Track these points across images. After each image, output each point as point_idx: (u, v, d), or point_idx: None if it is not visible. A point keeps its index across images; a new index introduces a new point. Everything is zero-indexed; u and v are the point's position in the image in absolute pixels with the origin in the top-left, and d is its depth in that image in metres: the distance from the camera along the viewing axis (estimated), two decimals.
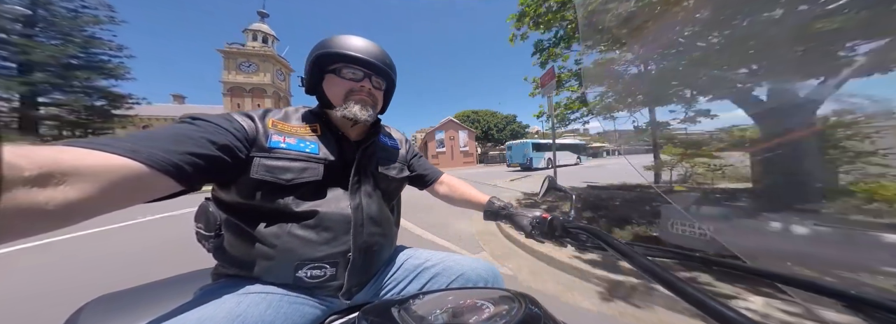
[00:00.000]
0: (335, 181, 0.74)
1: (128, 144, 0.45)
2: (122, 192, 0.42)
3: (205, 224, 0.81)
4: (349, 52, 0.73)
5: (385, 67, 0.77)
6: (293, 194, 0.67)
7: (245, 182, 0.64)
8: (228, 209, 0.70)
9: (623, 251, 0.45)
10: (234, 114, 0.68)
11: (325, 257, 0.68)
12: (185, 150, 0.51)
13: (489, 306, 0.48)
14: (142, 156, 0.44)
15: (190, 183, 0.52)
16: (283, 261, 0.66)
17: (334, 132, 0.79)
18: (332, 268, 0.69)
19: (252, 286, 0.65)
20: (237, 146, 0.61)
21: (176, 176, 0.48)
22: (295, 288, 0.68)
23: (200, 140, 0.55)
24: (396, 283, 0.81)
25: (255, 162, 0.64)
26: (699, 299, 0.28)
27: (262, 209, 0.66)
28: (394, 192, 0.91)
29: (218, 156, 0.56)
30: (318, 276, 0.68)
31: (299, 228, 0.67)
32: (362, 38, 0.77)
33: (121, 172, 0.41)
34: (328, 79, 0.77)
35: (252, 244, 0.66)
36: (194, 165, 0.51)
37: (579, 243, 0.73)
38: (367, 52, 0.75)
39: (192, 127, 0.57)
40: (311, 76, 0.78)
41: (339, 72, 0.75)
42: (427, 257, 0.88)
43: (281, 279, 0.67)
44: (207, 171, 0.54)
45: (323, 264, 0.68)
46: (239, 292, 0.62)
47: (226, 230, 0.72)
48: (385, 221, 0.81)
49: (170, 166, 0.47)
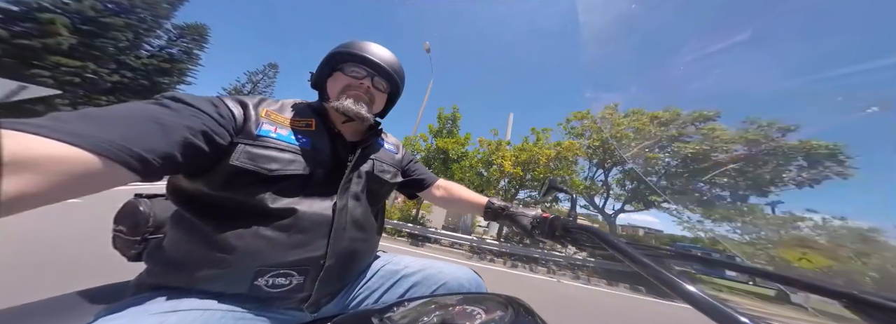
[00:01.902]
0: (322, 180, 0.68)
1: (83, 128, 0.39)
2: (69, 184, 0.36)
3: (130, 227, 0.72)
4: (358, 52, 0.76)
5: (389, 70, 0.79)
6: (272, 189, 0.61)
7: (221, 170, 0.57)
8: (187, 201, 0.61)
9: (623, 251, 0.45)
10: (226, 98, 0.63)
11: (295, 263, 0.61)
12: (151, 138, 0.45)
13: (480, 313, 0.46)
14: (92, 144, 0.38)
15: (150, 176, 0.45)
16: (240, 266, 0.57)
17: (330, 129, 0.76)
18: (301, 276, 0.61)
19: (185, 301, 0.53)
20: (219, 132, 0.56)
21: (134, 168, 0.42)
22: (246, 300, 0.58)
23: (172, 126, 0.48)
24: (370, 292, 0.75)
25: (239, 149, 0.58)
26: (699, 298, 0.28)
27: (230, 203, 0.59)
28: (382, 196, 0.87)
29: (191, 143, 0.50)
30: (282, 285, 0.60)
31: (270, 227, 0.59)
32: (378, 45, 0.81)
33: (68, 164, 0.36)
34: (334, 75, 0.79)
35: (205, 245, 0.57)
36: (159, 156, 0.45)
37: (579, 242, 0.73)
38: (376, 54, 0.78)
39: (165, 111, 0.50)
40: (321, 72, 0.80)
41: (344, 69, 0.78)
42: (406, 263, 0.82)
43: (232, 289, 0.57)
44: (173, 161, 0.48)
45: (290, 271, 0.60)
46: (162, 311, 0.50)
47: (174, 228, 0.62)
48: (369, 227, 0.76)
49: (129, 158, 0.41)
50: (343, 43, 0.80)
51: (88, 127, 0.39)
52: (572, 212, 0.81)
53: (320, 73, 0.80)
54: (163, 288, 0.57)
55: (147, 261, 0.63)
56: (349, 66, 0.78)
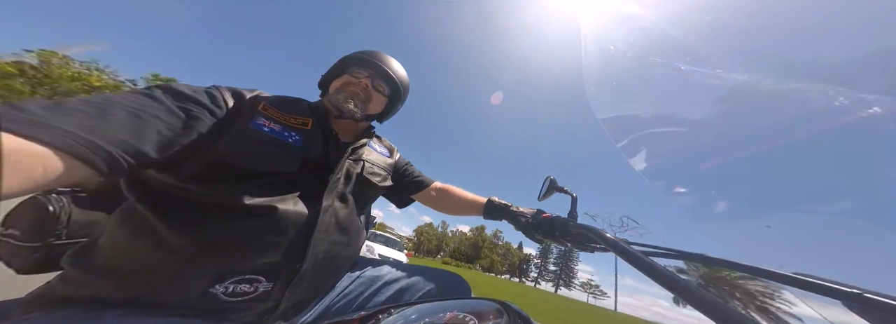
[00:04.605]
0: (308, 179, 0.64)
1: (44, 118, 0.35)
2: (21, 179, 0.32)
3: (28, 230, 0.62)
4: (366, 57, 0.82)
5: (392, 75, 0.83)
6: (253, 184, 0.56)
7: (200, 161, 0.53)
8: (142, 192, 0.54)
9: (623, 250, 0.45)
10: (224, 89, 0.61)
11: (265, 267, 0.54)
12: (121, 132, 0.41)
13: (473, 319, 0.44)
14: (51, 137, 0.34)
15: (115, 172, 0.41)
16: (195, 269, 0.50)
17: (325, 129, 0.74)
18: (270, 282, 0.55)
19: (106, 315, 0.45)
20: (206, 124, 0.53)
21: (94, 164, 0.38)
22: (195, 311, 0.50)
23: (150, 120, 0.45)
24: (350, 300, 0.70)
25: (224, 140, 0.55)
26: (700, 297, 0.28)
27: (200, 197, 0.53)
28: (370, 199, 0.85)
29: (168, 138, 0.47)
30: (245, 292, 0.53)
31: (242, 226, 0.53)
32: (390, 56, 0.87)
33: (19, 157, 0.32)
34: (340, 77, 0.83)
35: (154, 244, 0.50)
36: (127, 151, 0.41)
37: (580, 242, 0.73)
38: (382, 60, 0.83)
39: (149, 102, 0.46)
40: (330, 73, 0.86)
41: (351, 71, 0.82)
42: (388, 269, 0.79)
43: (176, 297, 0.50)
44: (144, 157, 0.44)
45: (257, 277, 0.54)
46: None
47: (119, 226, 0.53)
48: (353, 230, 0.71)
49: (89, 152, 0.37)
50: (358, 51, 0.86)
51: (52, 118, 0.35)
52: (573, 212, 0.81)
53: (329, 74, 0.86)
54: (77, 300, 0.48)
55: (69, 267, 0.52)
56: (355, 69, 0.82)
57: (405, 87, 0.89)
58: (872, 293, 0.35)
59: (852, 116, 0.55)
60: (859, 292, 0.35)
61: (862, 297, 0.35)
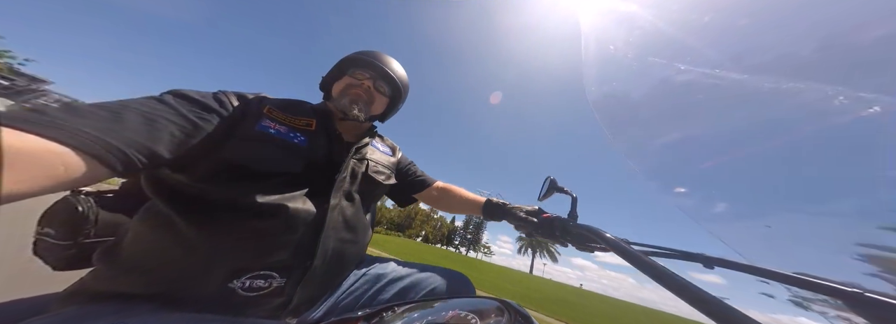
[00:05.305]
0: (315, 178, 0.67)
1: (62, 120, 0.37)
2: (42, 179, 0.34)
3: (62, 229, 0.65)
4: (366, 57, 0.82)
5: (392, 75, 0.83)
6: (263, 184, 0.58)
7: (212, 163, 0.55)
8: (165, 194, 0.56)
9: (623, 250, 0.45)
10: (230, 93, 0.64)
11: (278, 264, 0.57)
12: (135, 133, 0.43)
13: (475, 318, 0.44)
14: (69, 137, 0.36)
15: (130, 170, 0.43)
16: (214, 266, 0.53)
17: (329, 130, 0.75)
18: (283, 278, 0.58)
19: (136, 309, 0.48)
20: (215, 127, 0.55)
21: (110, 163, 0.40)
22: (215, 305, 0.54)
23: (162, 122, 0.47)
24: (356, 298, 0.73)
25: (233, 142, 0.57)
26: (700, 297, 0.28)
27: (215, 197, 0.55)
28: (375, 198, 0.87)
29: (179, 139, 0.50)
30: (260, 287, 0.56)
31: (256, 224, 0.56)
32: (388, 56, 0.86)
33: (40, 157, 0.34)
34: (341, 78, 0.84)
35: (175, 242, 0.53)
36: (141, 151, 0.44)
37: (580, 242, 0.73)
38: (382, 61, 0.83)
39: (161, 106, 0.49)
40: (330, 75, 0.86)
41: (351, 73, 0.82)
42: (393, 267, 0.81)
43: (199, 292, 0.53)
44: (157, 157, 0.46)
45: (271, 273, 0.57)
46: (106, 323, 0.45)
47: (141, 223, 0.56)
48: (360, 228, 0.74)
49: (105, 152, 0.39)
50: (358, 51, 0.86)
51: (71, 120, 0.37)
52: (573, 212, 0.81)
53: (329, 76, 0.86)
54: (109, 296, 0.51)
55: (99, 264, 0.56)
56: (356, 70, 0.82)
57: (405, 86, 0.90)
58: (872, 293, 0.35)
59: (852, 115, 0.55)
60: (859, 291, 0.36)
61: (862, 296, 0.35)
